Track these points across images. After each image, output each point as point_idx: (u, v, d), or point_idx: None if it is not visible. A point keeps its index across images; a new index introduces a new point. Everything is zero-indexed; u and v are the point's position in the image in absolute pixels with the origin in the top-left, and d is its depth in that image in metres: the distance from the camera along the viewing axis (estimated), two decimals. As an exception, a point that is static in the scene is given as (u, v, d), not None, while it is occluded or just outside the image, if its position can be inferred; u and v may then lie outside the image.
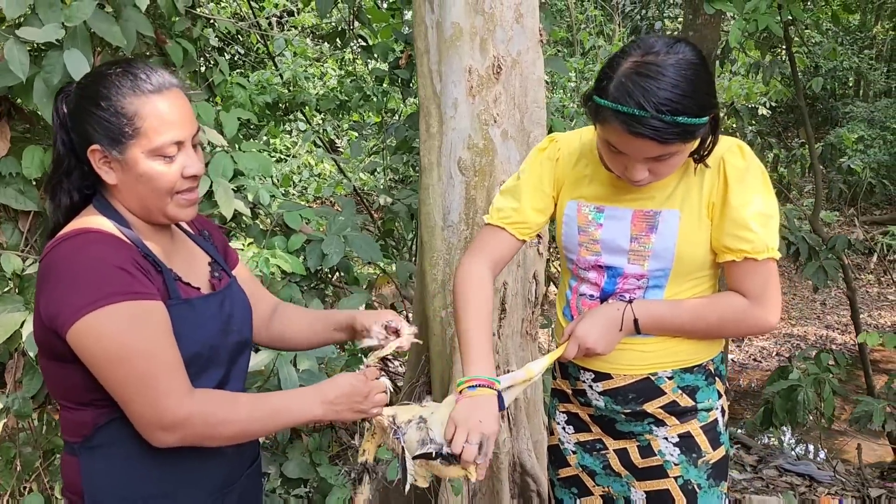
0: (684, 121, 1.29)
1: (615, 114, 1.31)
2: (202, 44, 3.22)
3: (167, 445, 1.21)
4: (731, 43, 3.72)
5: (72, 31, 1.92)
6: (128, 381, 1.17)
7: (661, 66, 1.29)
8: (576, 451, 1.72)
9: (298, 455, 2.67)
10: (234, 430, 1.24)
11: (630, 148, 1.35)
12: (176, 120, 1.25)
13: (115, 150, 1.23)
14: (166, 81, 1.26)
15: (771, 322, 1.48)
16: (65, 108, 1.28)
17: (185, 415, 1.19)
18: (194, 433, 1.21)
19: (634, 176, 1.40)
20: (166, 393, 1.18)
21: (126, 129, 1.22)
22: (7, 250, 2.21)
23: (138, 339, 1.16)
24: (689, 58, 1.32)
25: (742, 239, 1.44)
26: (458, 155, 2.43)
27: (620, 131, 1.32)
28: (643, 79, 1.29)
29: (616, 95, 1.31)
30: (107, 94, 1.22)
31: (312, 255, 2.81)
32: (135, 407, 1.18)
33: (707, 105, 1.33)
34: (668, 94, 1.28)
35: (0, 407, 2.26)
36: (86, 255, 1.18)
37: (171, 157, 1.25)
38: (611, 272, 1.55)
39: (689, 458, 1.59)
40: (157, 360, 1.18)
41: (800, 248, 4.03)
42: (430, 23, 2.46)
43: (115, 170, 1.25)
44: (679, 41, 1.37)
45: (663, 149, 1.33)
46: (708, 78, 1.35)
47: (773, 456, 3.99)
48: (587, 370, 1.62)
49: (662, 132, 1.29)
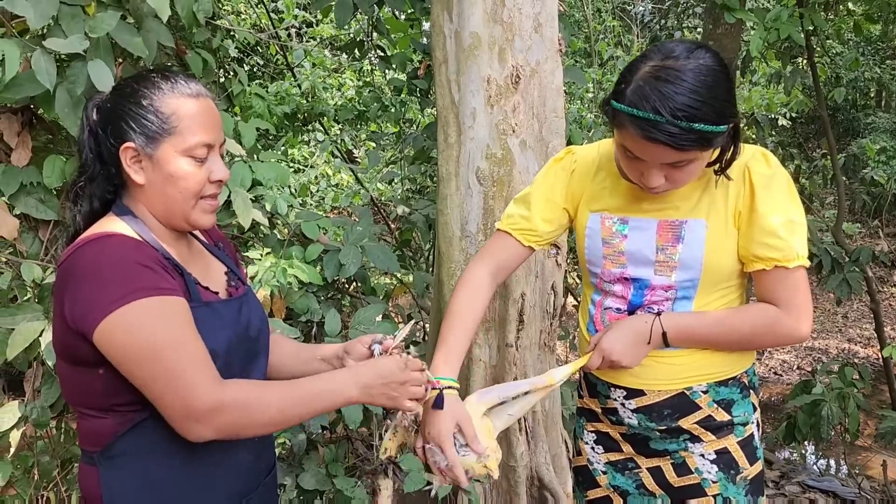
0: (701, 128, 1.27)
1: (631, 118, 1.29)
2: (222, 54, 3.24)
3: (204, 438, 1.19)
4: (752, 52, 3.69)
5: (95, 42, 1.94)
6: (158, 374, 1.17)
7: (680, 70, 1.27)
8: (606, 472, 1.68)
9: (315, 466, 2.66)
10: (269, 416, 1.22)
11: (646, 153, 1.33)
12: (208, 124, 1.30)
13: (149, 147, 1.26)
14: (202, 90, 1.32)
15: (803, 331, 1.45)
16: (94, 115, 1.31)
17: (216, 403, 1.18)
18: (229, 421, 1.19)
19: (650, 182, 1.38)
20: (196, 383, 1.17)
21: (163, 126, 1.26)
22: (27, 259, 2.22)
23: (167, 333, 1.17)
24: (709, 64, 1.30)
25: (771, 247, 1.41)
26: (476, 165, 2.42)
27: (636, 136, 1.30)
28: (661, 83, 1.27)
29: (633, 100, 1.29)
30: (147, 94, 1.27)
31: (330, 264, 2.81)
32: (167, 400, 1.18)
33: (726, 113, 1.30)
34: (685, 99, 1.25)
35: (19, 416, 2.26)
36: (109, 254, 1.20)
37: (201, 160, 1.29)
38: (637, 284, 1.53)
39: (727, 475, 1.55)
40: (186, 353, 1.18)
41: (822, 261, 3.97)
42: (449, 32, 2.45)
43: (144, 169, 1.28)
44: (700, 46, 1.34)
45: (679, 155, 1.31)
46: (728, 85, 1.33)
47: (795, 472, 3.92)
48: (618, 387, 1.59)
49: (678, 138, 1.27)
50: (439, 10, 2.47)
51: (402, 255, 4.16)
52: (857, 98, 11.85)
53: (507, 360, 2.46)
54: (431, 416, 1.40)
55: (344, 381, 1.30)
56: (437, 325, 2.70)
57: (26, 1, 1.82)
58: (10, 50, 1.78)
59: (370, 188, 6.27)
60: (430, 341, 2.85)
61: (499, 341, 2.50)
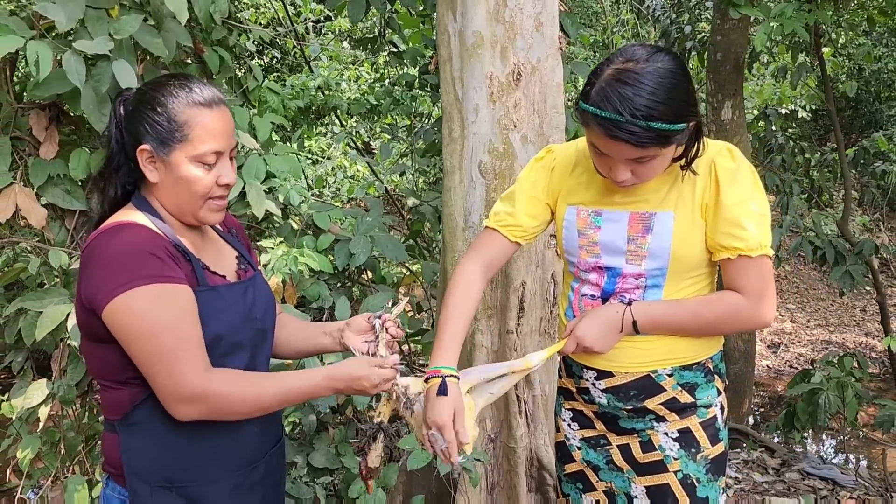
0: (659, 126, 1.36)
1: (595, 118, 1.40)
2: (238, 50, 3.36)
3: (188, 418, 1.33)
4: (758, 47, 3.73)
5: (119, 43, 2.07)
6: (153, 355, 1.29)
7: (640, 73, 1.37)
8: (581, 447, 1.79)
9: (324, 446, 2.78)
10: (247, 407, 1.36)
11: (610, 150, 1.44)
12: (219, 133, 1.39)
13: (162, 151, 1.37)
14: (216, 97, 1.41)
15: (766, 317, 1.54)
16: (122, 111, 1.42)
17: (201, 389, 1.31)
18: (212, 407, 1.32)
19: (618, 176, 1.48)
20: (185, 368, 1.30)
21: (175, 134, 1.36)
22: (55, 246, 2.36)
23: (164, 318, 1.29)
24: (667, 66, 1.39)
25: (736, 237, 1.50)
26: (479, 158, 2.52)
27: (601, 134, 1.41)
28: (621, 85, 1.37)
29: (596, 100, 1.39)
30: (163, 101, 1.37)
31: (340, 254, 2.92)
32: (158, 380, 1.31)
33: (683, 112, 1.40)
34: (643, 100, 1.35)
35: (47, 393, 2.41)
36: (121, 242, 1.32)
37: (209, 165, 1.39)
38: (610, 272, 1.62)
39: (688, 453, 1.64)
40: (181, 338, 1.30)
41: (826, 253, 4.01)
42: (453, 31, 2.55)
43: (158, 169, 1.40)
44: (660, 50, 1.44)
45: (640, 152, 1.41)
46: (687, 87, 1.42)
47: (796, 460, 3.99)
48: (590, 369, 1.69)
49: (638, 136, 1.37)
50: (444, 9, 2.57)
51: (413, 245, 4.26)
52: (880, 90, 11.71)
53: (507, 345, 2.56)
54: (434, 403, 1.49)
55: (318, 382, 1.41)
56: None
57: (56, 4, 1.95)
58: (43, 51, 1.92)
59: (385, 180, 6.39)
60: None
61: (500, 328, 2.60)
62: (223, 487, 1.44)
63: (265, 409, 1.39)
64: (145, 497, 1.37)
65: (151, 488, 1.37)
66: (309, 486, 2.73)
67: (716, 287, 1.65)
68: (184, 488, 1.39)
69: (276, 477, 1.60)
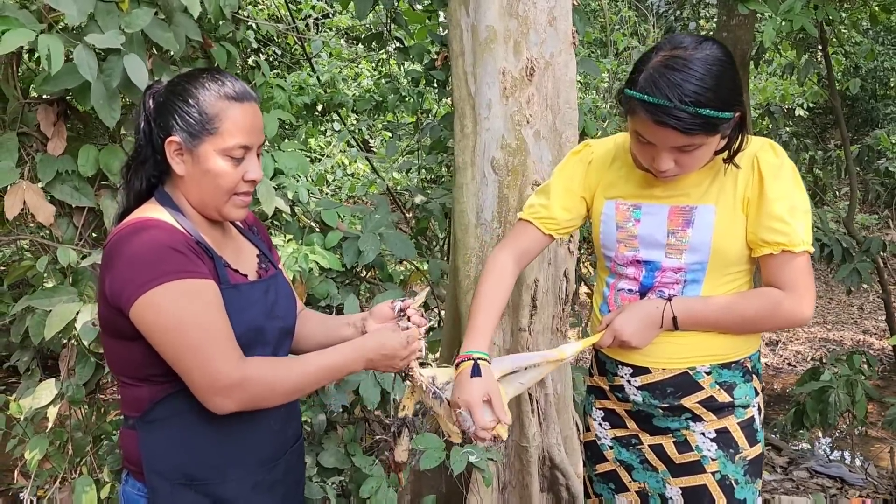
0: (707, 113, 1.36)
1: (642, 104, 1.40)
2: (243, 46, 3.33)
3: (226, 410, 1.31)
4: (765, 43, 3.72)
5: (129, 37, 2.03)
6: (185, 350, 1.27)
7: (688, 60, 1.38)
8: (612, 447, 1.77)
9: (334, 446, 2.76)
10: (288, 387, 1.35)
11: (656, 137, 1.43)
12: (249, 128, 1.38)
13: (191, 143, 1.36)
14: (247, 92, 1.40)
15: (806, 313, 1.53)
16: (151, 103, 1.40)
17: (239, 377, 1.29)
18: (251, 394, 1.31)
19: (661, 166, 1.47)
20: (220, 359, 1.28)
21: (206, 126, 1.35)
22: (63, 244, 2.33)
23: (192, 312, 1.27)
24: (715, 54, 1.40)
25: (779, 232, 1.49)
26: (491, 155, 2.50)
27: (647, 121, 1.41)
28: (670, 71, 1.37)
29: (644, 87, 1.39)
30: (195, 94, 1.36)
31: (349, 251, 2.90)
32: (193, 375, 1.29)
33: (731, 101, 1.40)
34: (692, 86, 1.35)
35: (55, 393, 2.38)
36: (145, 239, 1.30)
37: (237, 160, 1.38)
38: (649, 266, 1.61)
39: (726, 454, 1.62)
40: (210, 331, 1.28)
41: (833, 251, 4.00)
42: (466, 26, 2.52)
43: (185, 162, 1.38)
44: (707, 39, 1.44)
45: (687, 139, 1.40)
46: (734, 76, 1.42)
47: (804, 458, 3.98)
48: (625, 365, 1.67)
49: (685, 122, 1.36)
50: (456, 4, 2.54)
51: (417, 243, 4.24)
52: (877, 88, 11.74)
53: (520, 343, 2.54)
54: (465, 384, 1.49)
55: (354, 357, 1.42)
56: (453, 311, 2.79)
57: (67, -2, 1.91)
58: (55, 45, 1.88)
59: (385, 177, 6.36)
60: (446, 327, 2.94)
61: (512, 326, 2.58)
62: (243, 485, 1.42)
63: (303, 390, 1.39)
64: (165, 494, 1.36)
65: (172, 485, 1.36)
66: (319, 486, 2.71)
67: (754, 285, 1.63)
68: (204, 485, 1.38)
69: (296, 475, 1.59)
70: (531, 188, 2.49)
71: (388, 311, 1.61)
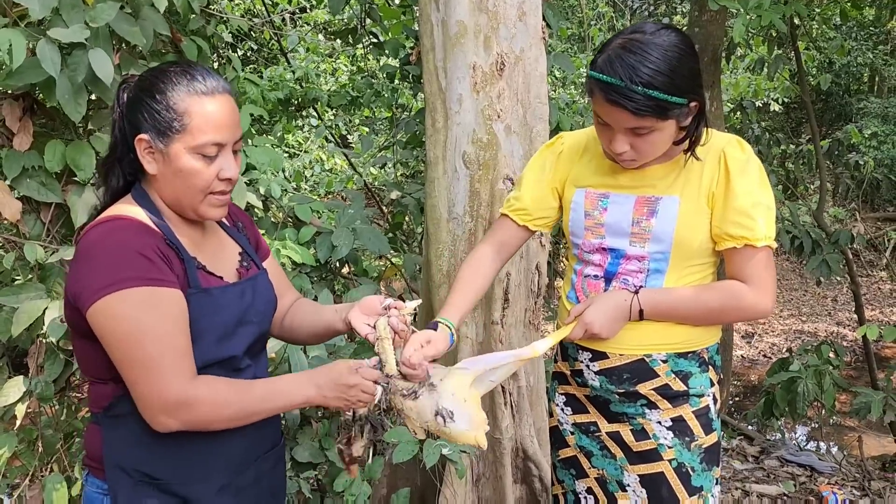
0: (657, 95, 1.40)
1: (598, 83, 1.45)
2: (216, 41, 3.31)
3: (169, 429, 1.26)
4: (736, 38, 3.76)
5: (95, 31, 2.01)
6: (135, 362, 1.24)
7: (645, 44, 1.42)
8: (573, 432, 1.80)
9: (308, 440, 2.75)
10: (230, 413, 1.30)
11: (610, 117, 1.48)
12: (221, 123, 1.32)
13: (161, 141, 1.30)
14: (219, 86, 1.34)
15: (767, 306, 1.57)
16: (124, 98, 1.35)
17: (186, 398, 1.25)
18: (196, 416, 1.27)
19: (616, 148, 1.51)
20: (169, 376, 1.24)
21: (174, 123, 1.29)
22: (30, 240, 2.31)
23: (147, 323, 1.23)
24: (673, 41, 1.44)
25: (743, 226, 1.53)
26: (462, 149, 2.51)
27: (601, 100, 1.46)
28: (626, 53, 1.42)
29: (601, 66, 1.45)
30: (163, 89, 1.30)
31: (322, 246, 2.89)
32: (140, 388, 1.25)
33: (684, 88, 1.44)
34: (645, 69, 1.40)
35: (24, 390, 2.36)
36: (110, 240, 1.26)
37: (210, 158, 1.32)
38: (614, 254, 1.65)
39: (682, 442, 1.66)
40: (164, 344, 1.24)
41: (804, 243, 4.07)
42: (436, 21, 2.53)
43: (157, 161, 1.33)
44: (668, 27, 1.48)
45: (637, 121, 1.44)
46: (692, 65, 1.46)
47: (775, 447, 4.05)
48: (585, 350, 1.71)
49: (637, 103, 1.41)
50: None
51: (394, 238, 4.24)
52: (850, 83, 11.92)
53: (493, 336, 2.56)
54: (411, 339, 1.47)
55: (304, 385, 1.35)
56: (427, 304, 2.80)
57: (29, -9, 1.90)
58: (16, 39, 1.86)
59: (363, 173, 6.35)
60: (420, 322, 2.95)
61: (485, 319, 2.60)
62: (208, 488, 1.38)
63: (251, 415, 1.33)
64: (127, 490, 1.33)
65: (133, 482, 1.33)
66: (294, 480, 2.71)
67: (717, 278, 1.66)
68: (166, 485, 1.35)
69: (272, 482, 1.54)
70: (502, 182, 2.51)
71: (375, 305, 1.53)
